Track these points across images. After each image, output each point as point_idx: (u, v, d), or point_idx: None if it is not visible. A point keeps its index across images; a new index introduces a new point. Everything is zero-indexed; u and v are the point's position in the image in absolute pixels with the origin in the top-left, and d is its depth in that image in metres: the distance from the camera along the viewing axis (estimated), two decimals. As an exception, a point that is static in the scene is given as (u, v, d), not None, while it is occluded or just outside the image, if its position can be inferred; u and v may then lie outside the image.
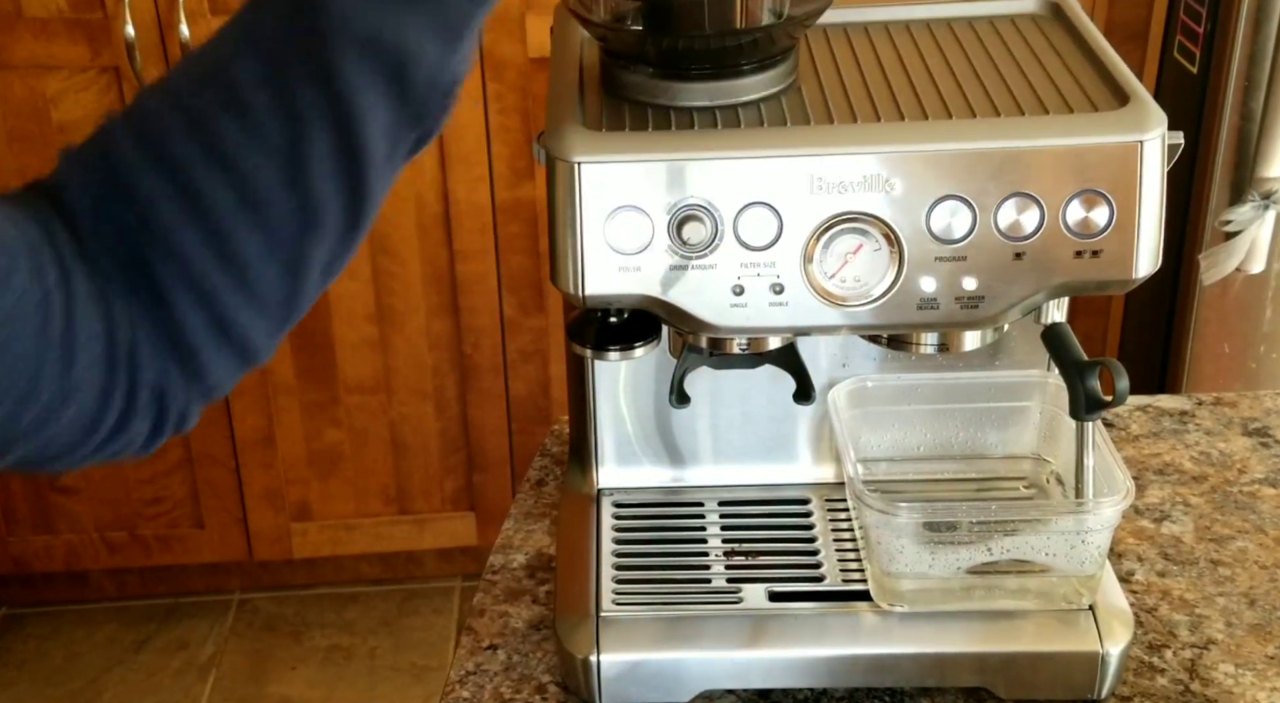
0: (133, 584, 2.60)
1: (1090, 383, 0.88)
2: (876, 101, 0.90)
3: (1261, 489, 1.16)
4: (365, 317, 2.34)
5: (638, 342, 0.96)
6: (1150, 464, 1.20)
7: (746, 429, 1.07)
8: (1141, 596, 1.04)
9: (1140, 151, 0.84)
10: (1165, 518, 1.13)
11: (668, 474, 1.09)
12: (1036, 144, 0.84)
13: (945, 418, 1.04)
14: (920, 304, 0.87)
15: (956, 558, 0.93)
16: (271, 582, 2.61)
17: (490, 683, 0.97)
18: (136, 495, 2.44)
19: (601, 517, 1.05)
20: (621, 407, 1.06)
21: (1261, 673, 0.96)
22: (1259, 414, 1.26)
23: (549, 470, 1.21)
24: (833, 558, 1.00)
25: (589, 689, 0.94)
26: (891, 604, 0.95)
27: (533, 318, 2.36)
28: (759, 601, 0.97)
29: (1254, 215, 2.00)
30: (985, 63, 0.94)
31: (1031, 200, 0.84)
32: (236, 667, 2.47)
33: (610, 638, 0.94)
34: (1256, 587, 1.05)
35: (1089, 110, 0.87)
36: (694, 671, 0.94)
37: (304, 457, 2.44)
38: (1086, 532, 0.91)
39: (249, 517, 2.47)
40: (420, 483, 2.48)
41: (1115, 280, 0.86)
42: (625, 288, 0.87)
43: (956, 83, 0.91)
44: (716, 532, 1.04)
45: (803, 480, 1.08)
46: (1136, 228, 0.85)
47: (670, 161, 0.85)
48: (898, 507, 0.91)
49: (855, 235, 0.85)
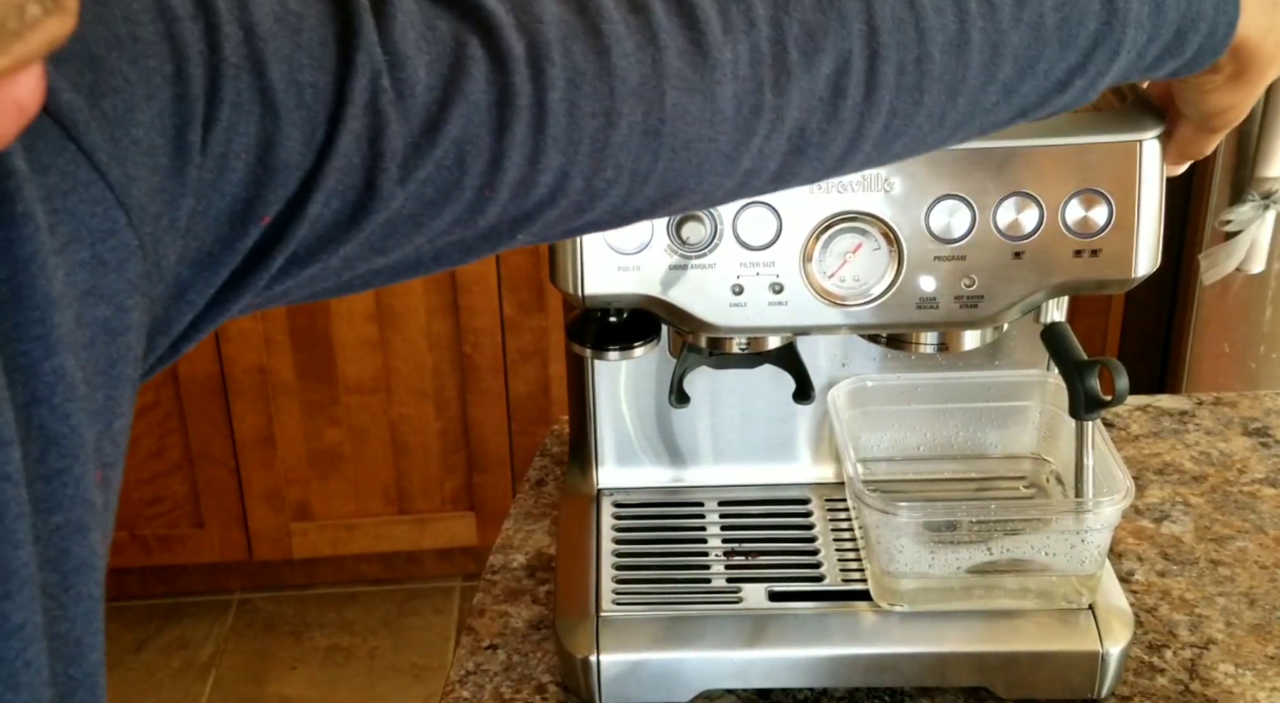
0: (132, 584, 2.60)
1: (1090, 382, 0.88)
2: (876, 101, 0.90)
3: (1261, 489, 1.16)
4: (365, 317, 2.34)
5: (637, 342, 0.96)
6: (1150, 464, 1.20)
7: (746, 429, 1.07)
8: (1141, 595, 1.04)
9: (1139, 151, 0.84)
10: (1165, 518, 1.13)
11: (668, 474, 1.09)
12: (1036, 143, 0.84)
13: (945, 418, 1.04)
14: (920, 303, 0.87)
15: (956, 558, 0.93)
16: (271, 582, 2.61)
17: (490, 683, 0.97)
18: (136, 495, 2.44)
19: (601, 517, 1.05)
20: (621, 407, 1.06)
21: (1261, 673, 0.96)
22: (1259, 414, 1.26)
23: (549, 470, 1.21)
24: (833, 558, 1.00)
25: (589, 689, 0.94)
26: (891, 604, 0.95)
27: (533, 318, 2.36)
28: (759, 601, 0.97)
29: (1254, 215, 2.00)
30: (985, 62, 0.94)
31: (1031, 200, 0.84)
32: (236, 667, 2.47)
33: (610, 638, 0.94)
34: (1256, 587, 1.05)
35: (1088, 110, 0.87)
36: (694, 671, 0.94)
37: (304, 457, 2.44)
38: (1086, 531, 0.91)
39: (249, 517, 2.47)
40: (420, 483, 2.48)
41: (1114, 280, 0.86)
42: (625, 287, 0.87)
43: (956, 82, 0.91)
44: (716, 532, 1.04)
45: (803, 480, 1.08)
46: (1136, 227, 0.85)
47: (670, 161, 0.84)
48: (898, 507, 0.91)
49: (854, 235, 0.86)
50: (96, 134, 0.46)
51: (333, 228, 0.54)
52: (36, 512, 0.45)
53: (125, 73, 0.47)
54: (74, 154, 0.45)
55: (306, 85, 0.51)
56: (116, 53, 0.47)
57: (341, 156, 0.52)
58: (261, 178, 0.51)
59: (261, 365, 2.36)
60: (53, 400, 0.45)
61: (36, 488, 0.45)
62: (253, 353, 2.35)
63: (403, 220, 0.55)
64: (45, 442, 0.45)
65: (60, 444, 0.45)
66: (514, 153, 0.56)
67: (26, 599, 0.44)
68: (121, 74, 0.47)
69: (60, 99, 0.45)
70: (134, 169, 0.47)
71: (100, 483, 0.48)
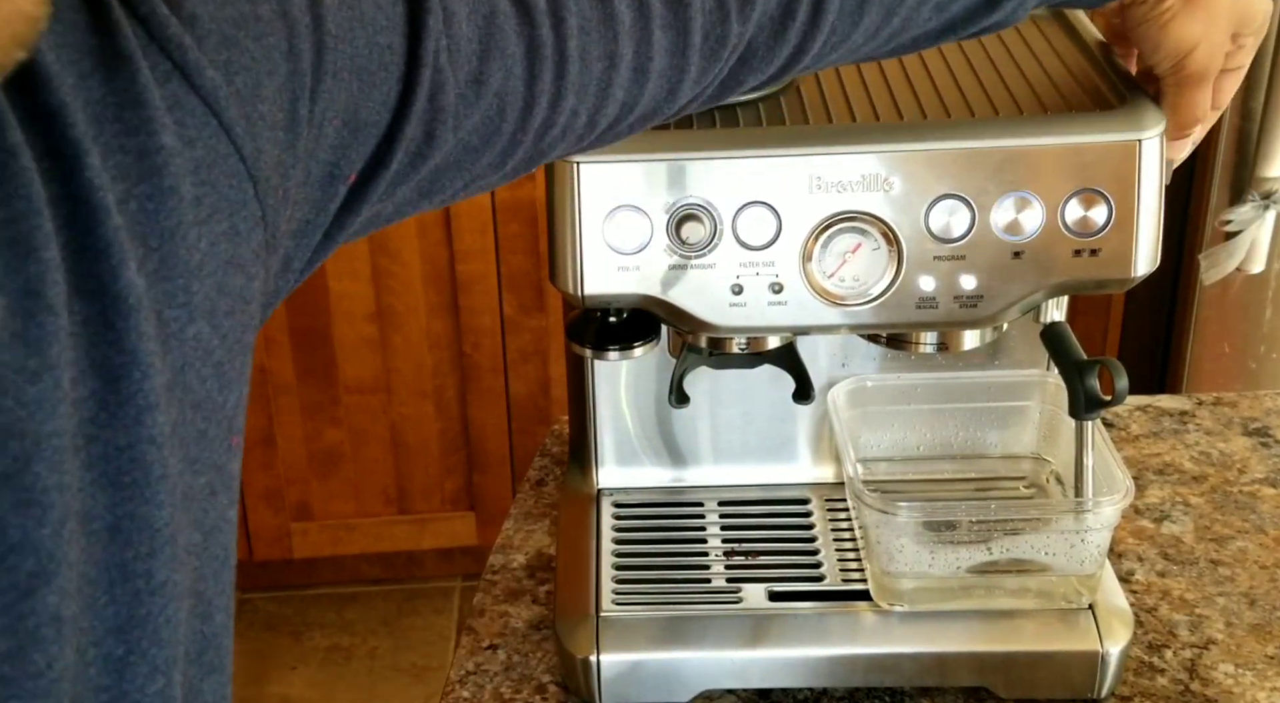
0: (133, 585, 2.59)
1: (1090, 382, 0.88)
2: (875, 101, 0.90)
3: (1261, 489, 1.16)
4: (365, 316, 2.34)
5: (637, 342, 0.96)
6: (1150, 464, 1.20)
7: (746, 429, 1.07)
8: (1141, 595, 1.04)
9: (1139, 150, 0.84)
10: (1165, 518, 1.13)
11: (668, 474, 1.09)
12: (1035, 143, 0.84)
13: (945, 418, 1.04)
14: (919, 303, 0.87)
15: (956, 558, 0.93)
16: (271, 582, 2.61)
17: (490, 683, 0.97)
18: (136, 496, 2.44)
19: (601, 517, 1.05)
20: (621, 407, 1.06)
21: (1261, 673, 0.96)
22: (1259, 414, 1.26)
23: (549, 470, 1.21)
24: (833, 558, 1.00)
25: (589, 689, 0.94)
26: (891, 604, 0.95)
27: (533, 318, 2.36)
28: (759, 601, 0.97)
29: (1254, 215, 2.00)
30: (984, 62, 0.94)
31: (1030, 199, 0.84)
32: (236, 667, 2.46)
33: (610, 638, 0.94)
34: (1256, 587, 1.05)
35: (1088, 109, 0.87)
36: (694, 671, 0.94)
37: (304, 457, 2.44)
38: (1086, 531, 0.91)
39: (249, 517, 2.47)
40: (420, 483, 2.48)
41: (1114, 279, 0.86)
42: (624, 287, 0.87)
43: (955, 82, 0.91)
44: (716, 532, 1.04)
45: (803, 480, 1.08)
46: (1135, 227, 0.85)
47: (669, 161, 0.85)
48: (897, 506, 0.91)
49: (854, 235, 0.85)
50: (234, 110, 0.48)
51: (399, 175, 0.57)
52: (179, 474, 0.47)
53: (251, 51, 0.49)
54: (216, 129, 0.48)
55: (385, 47, 0.54)
56: (243, 31, 0.49)
57: (415, 112, 0.55)
58: (347, 140, 0.54)
59: (261, 365, 2.36)
60: (195, 365, 0.47)
61: (180, 450, 0.47)
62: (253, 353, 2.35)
63: (449, 166, 0.59)
64: (188, 406, 0.47)
65: (201, 409, 0.48)
66: (542, 98, 0.60)
67: (168, 558, 0.46)
68: (249, 52, 0.49)
69: (205, 76, 0.47)
70: (262, 143, 0.49)
71: (235, 448, 0.50)
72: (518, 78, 0.59)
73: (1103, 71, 0.91)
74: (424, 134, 0.56)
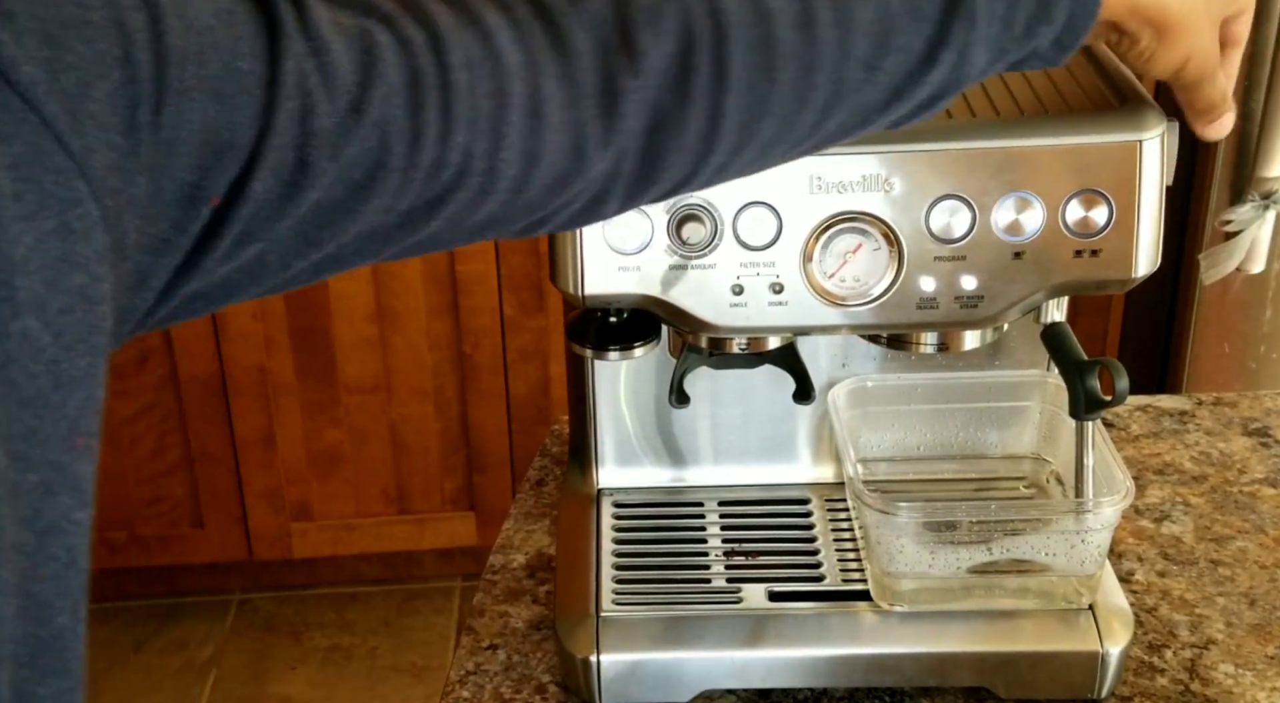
0: (132, 584, 2.60)
1: (1090, 383, 0.88)
2: (876, 101, 0.89)
3: (1261, 489, 1.16)
4: (365, 316, 2.34)
5: (638, 342, 0.96)
6: (1150, 464, 1.20)
7: (746, 429, 1.07)
8: (1141, 596, 1.04)
9: (1139, 151, 0.84)
10: (1165, 518, 1.13)
11: (668, 474, 1.09)
12: (1036, 143, 0.84)
13: (945, 418, 1.04)
14: (920, 304, 0.87)
15: (956, 558, 0.93)
16: (271, 582, 2.61)
17: (490, 683, 0.97)
18: (136, 495, 2.44)
19: (601, 517, 1.05)
20: (621, 407, 1.06)
21: (1261, 673, 0.96)
22: (1259, 414, 1.26)
23: (549, 470, 1.21)
24: (833, 558, 1.00)
25: (589, 689, 0.94)
26: (891, 604, 0.95)
27: (533, 318, 2.36)
28: (759, 601, 0.97)
29: (1254, 215, 2.00)
30: (985, 62, 0.94)
31: (1031, 200, 0.84)
32: (236, 667, 2.47)
33: (610, 638, 0.94)
34: (1256, 587, 1.05)
35: (1088, 110, 0.87)
36: (694, 671, 0.94)
37: (304, 457, 2.44)
38: (1086, 531, 0.91)
39: (249, 517, 2.47)
40: (420, 483, 2.48)
41: (1114, 280, 0.86)
42: (625, 288, 0.87)
43: (956, 82, 0.91)
44: (716, 532, 1.04)
45: (803, 480, 1.08)
46: (1136, 227, 0.85)
47: (670, 161, 0.84)
48: (898, 507, 0.91)
49: (854, 235, 0.86)
50: (57, 106, 0.48)
51: (271, 205, 0.57)
52: (2, 469, 0.46)
53: (79, 51, 0.49)
54: (37, 125, 0.47)
55: (246, 72, 0.54)
56: (71, 33, 0.49)
57: (278, 136, 0.55)
58: (209, 161, 0.54)
59: (261, 365, 2.36)
60: (22, 361, 0.47)
61: (3, 445, 0.46)
62: (253, 353, 2.35)
63: (334, 205, 0.59)
64: (13, 402, 0.47)
65: (30, 406, 0.47)
66: (429, 130, 0.59)
67: None
68: (76, 52, 0.49)
69: (21, 71, 0.47)
70: (92, 142, 0.49)
71: (82, 449, 0.50)
72: (398, 107, 0.58)
73: (1103, 72, 0.91)
74: (296, 160, 0.56)
